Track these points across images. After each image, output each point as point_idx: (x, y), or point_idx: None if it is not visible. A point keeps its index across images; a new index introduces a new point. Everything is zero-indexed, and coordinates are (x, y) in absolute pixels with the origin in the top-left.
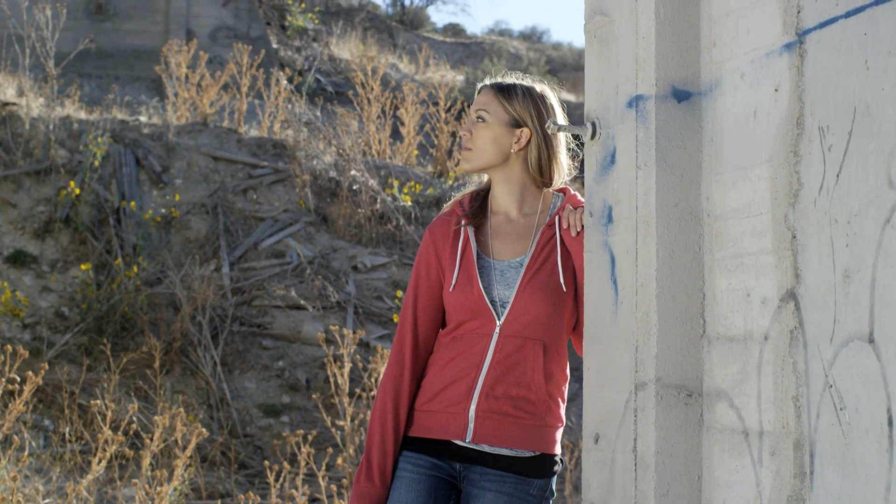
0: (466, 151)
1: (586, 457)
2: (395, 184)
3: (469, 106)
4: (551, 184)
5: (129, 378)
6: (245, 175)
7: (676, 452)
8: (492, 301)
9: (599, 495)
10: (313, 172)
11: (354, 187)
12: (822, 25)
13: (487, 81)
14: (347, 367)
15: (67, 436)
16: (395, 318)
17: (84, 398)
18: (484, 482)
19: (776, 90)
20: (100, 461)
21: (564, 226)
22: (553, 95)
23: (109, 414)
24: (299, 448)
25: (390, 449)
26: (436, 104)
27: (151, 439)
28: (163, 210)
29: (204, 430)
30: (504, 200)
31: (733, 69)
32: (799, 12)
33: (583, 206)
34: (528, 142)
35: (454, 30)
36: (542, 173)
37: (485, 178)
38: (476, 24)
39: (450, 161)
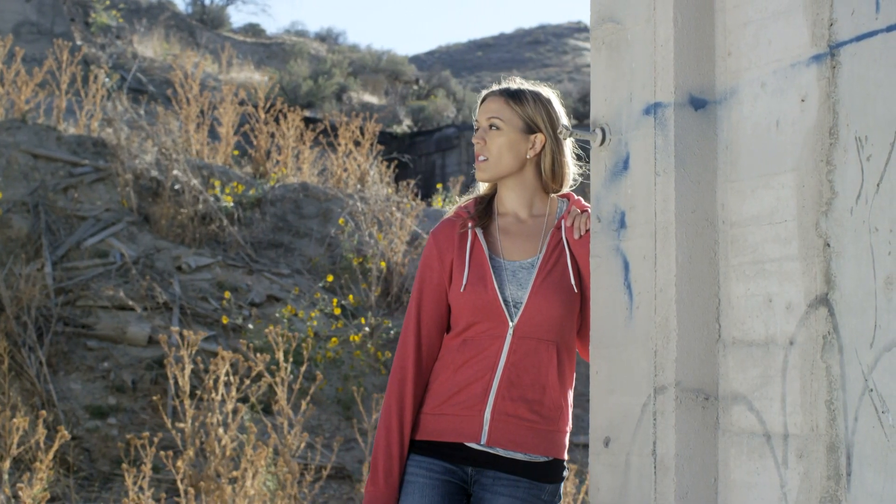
0: (482, 161)
1: (595, 460)
2: (217, 184)
3: (289, 105)
4: (561, 189)
5: None
6: (66, 173)
7: (695, 455)
8: (504, 301)
9: (611, 499)
10: (135, 171)
11: (177, 187)
12: (858, 38)
13: (495, 88)
14: (188, 368)
15: None
16: (225, 320)
17: None
18: (497, 486)
19: (802, 100)
20: None
21: (569, 223)
22: (556, 98)
23: None
24: (145, 450)
25: (395, 451)
26: (255, 105)
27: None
28: None
29: (67, 433)
30: (514, 204)
31: (752, 79)
32: (832, 25)
33: (588, 210)
34: (543, 147)
35: (254, 30)
36: (554, 178)
37: (482, 187)
38: (274, 25)
39: (268, 162)
